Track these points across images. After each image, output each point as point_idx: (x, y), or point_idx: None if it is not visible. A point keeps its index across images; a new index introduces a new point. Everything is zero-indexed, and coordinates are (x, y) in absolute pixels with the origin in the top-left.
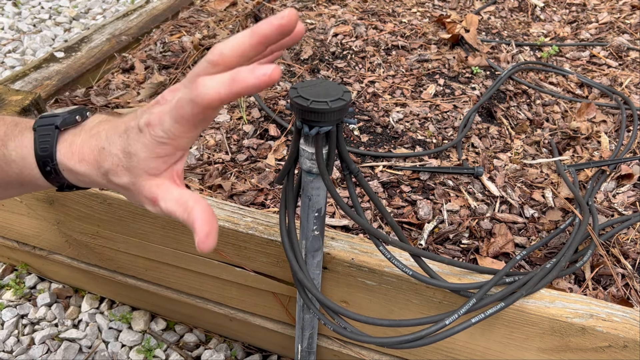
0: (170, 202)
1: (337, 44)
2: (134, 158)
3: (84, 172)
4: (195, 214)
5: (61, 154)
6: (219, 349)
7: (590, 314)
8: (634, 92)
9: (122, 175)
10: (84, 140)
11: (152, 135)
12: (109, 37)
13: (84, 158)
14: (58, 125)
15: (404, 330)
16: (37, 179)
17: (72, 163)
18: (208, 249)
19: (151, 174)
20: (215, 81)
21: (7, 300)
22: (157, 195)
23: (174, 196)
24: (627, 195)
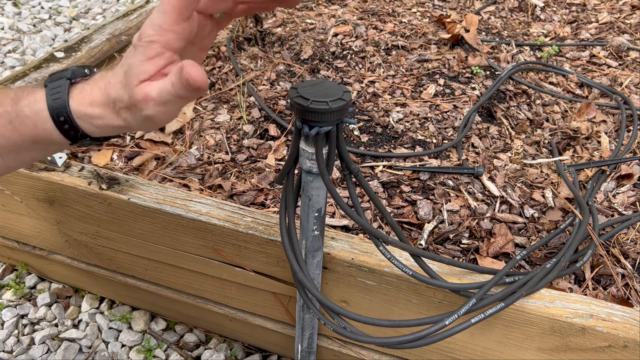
0: (157, 85)
1: (337, 44)
2: (129, 71)
3: (97, 113)
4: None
5: (74, 101)
6: (219, 349)
7: (590, 314)
8: (634, 92)
9: (122, 95)
10: (93, 86)
11: (142, 40)
12: (109, 37)
13: (95, 100)
14: (69, 77)
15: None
16: (50, 133)
17: (84, 107)
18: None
19: (141, 79)
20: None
21: (7, 300)
22: (146, 90)
23: (158, 82)
24: (627, 195)
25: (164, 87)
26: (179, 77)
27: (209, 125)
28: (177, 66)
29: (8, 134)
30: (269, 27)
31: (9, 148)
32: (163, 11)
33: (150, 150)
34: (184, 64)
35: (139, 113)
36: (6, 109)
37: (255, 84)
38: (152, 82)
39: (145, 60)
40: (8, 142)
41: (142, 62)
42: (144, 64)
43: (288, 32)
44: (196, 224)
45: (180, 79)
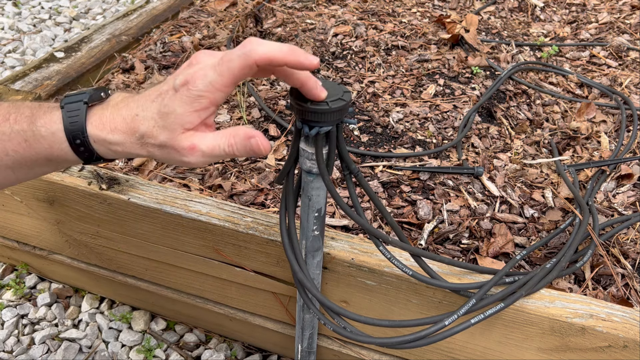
0: (209, 140)
1: (337, 44)
2: (171, 116)
3: (118, 140)
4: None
5: (92, 126)
6: (219, 349)
7: (590, 314)
8: (633, 92)
9: (158, 135)
10: (114, 112)
11: (189, 90)
12: (109, 37)
13: (117, 127)
14: (86, 101)
15: (403, 331)
16: (65, 153)
17: (105, 134)
18: (269, 148)
19: (187, 128)
20: (269, 44)
21: (7, 300)
22: (194, 142)
23: (210, 137)
24: (627, 195)
25: (218, 145)
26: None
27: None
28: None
29: (22, 151)
30: (269, 27)
31: (22, 163)
32: (221, 74)
33: None
34: (254, 134)
35: (175, 155)
36: (22, 127)
37: (255, 84)
38: (198, 132)
39: (193, 111)
40: (22, 158)
41: (189, 113)
42: (190, 115)
43: (288, 32)
44: (196, 224)
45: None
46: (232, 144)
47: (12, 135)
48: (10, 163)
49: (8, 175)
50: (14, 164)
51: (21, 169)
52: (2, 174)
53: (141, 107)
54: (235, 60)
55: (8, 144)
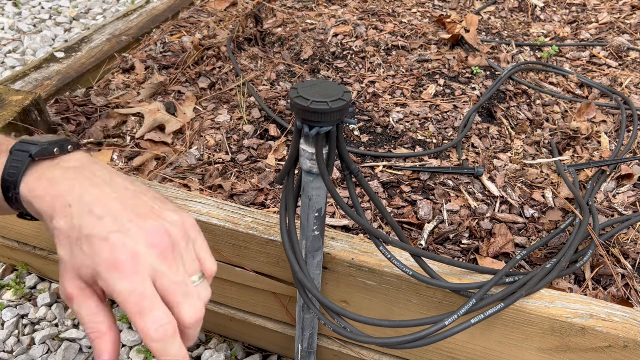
0: (84, 309)
1: (337, 44)
2: (73, 258)
3: (39, 209)
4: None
5: (26, 184)
6: (219, 349)
7: (590, 314)
8: (634, 92)
9: (61, 248)
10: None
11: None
12: (109, 37)
13: (45, 199)
14: (32, 154)
15: (403, 331)
16: (3, 201)
17: (32, 197)
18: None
19: (82, 279)
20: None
21: (7, 300)
22: (74, 296)
23: (91, 308)
24: (627, 195)
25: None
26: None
27: (209, 125)
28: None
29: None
30: (269, 27)
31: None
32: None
33: (150, 150)
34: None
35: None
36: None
37: (255, 84)
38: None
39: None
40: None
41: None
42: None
43: (288, 32)
44: None
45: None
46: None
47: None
48: None
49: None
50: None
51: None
52: None
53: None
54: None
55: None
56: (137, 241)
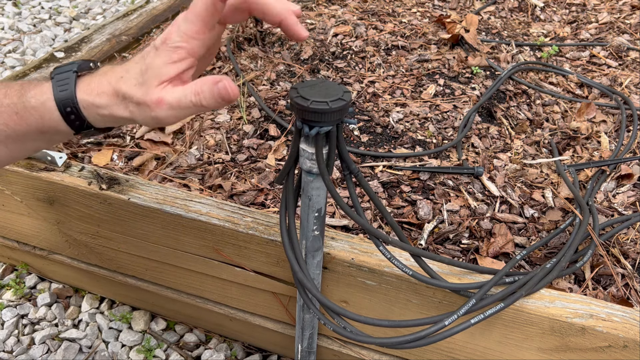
0: (176, 92)
1: (337, 44)
2: (149, 70)
3: (104, 103)
4: (208, 78)
5: (81, 91)
6: (219, 349)
7: (590, 314)
8: (634, 92)
9: (136, 92)
10: (101, 78)
11: (167, 44)
12: (109, 37)
13: (103, 91)
14: (75, 70)
15: (403, 331)
16: (57, 123)
17: (92, 97)
18: (237, 92)
19: (162, 80)
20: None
21: (7, 300)
22: (162, 95)
23: (179, 89)
24: (627, 195)
25: (185, 96)
26: (211, 90)
27: (209, 125)
28: (209, 79)
29: (13, 125)
30: (269, 27)
31: (14, 138)
32: (190, 20)
33: (150, 150)
34: (220, 78)
35: (147, 112)
36: (12, 101)
37: (255, 84)
38: (168, 86)
39: (169, 63)
40: (14, 132)
41: (165, 64)
42: (167, 66)
43: None
44: (196, 224)
45: (214, 92)
46: (198, 92)
47: (2, 109)
48: (2, 138)
49: (1, 152)
50: (6, 138)
51: (14, 144)
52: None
53: (125, 69)
54: (198, 3)
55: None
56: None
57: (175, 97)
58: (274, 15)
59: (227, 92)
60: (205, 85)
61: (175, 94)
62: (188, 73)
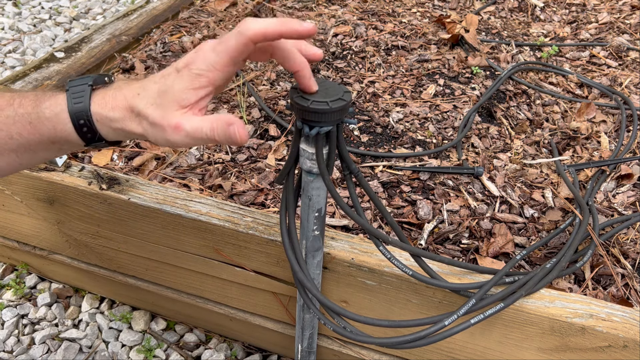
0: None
1: (337, 44)
2: (168, 93)
3: (117, 117)
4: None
5: (95, 104)
6: (219, 349)
7: (590, 314)
8: (633, 92)
9: (152, 112)
10: (116, 92)
11: (190, 70)
12: (109, 37)
13: (117, 105)
14: (91, 83)
15: (403, 331)
16: (69, 134)
17: (106, 111)
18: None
19: (182, 105)
20: (262, 20)
21: (7, 300)
22: (181, 121)
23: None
24: (627, 195)
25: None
26: (224, 130)
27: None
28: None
29: (26, 134)
30: None
31: (26, 147)
32: (219, 53)
33: (151, 150)
34: (234, 121)
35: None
36: (26, 110)
37: (255, 84)
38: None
39: (191, 89)
40: (27, 142)
41: (186, 90)
42: (187, 92)
43: None
44: (196, 223)
45: (225, 132)
46: (213, 128)
47: (17, 119)
48: (14, 147)
49: (12, 160)
50: (18, 147)
51: (25, 153)
52: (6, 158)
53: (143, 87)
54: (231, 39)
55: (12, 127)
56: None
57: (193, 127)
58: (293, 65)
59: (236, 136)
60: (219, 122)
61: (193, 123)
62: (205, 100)
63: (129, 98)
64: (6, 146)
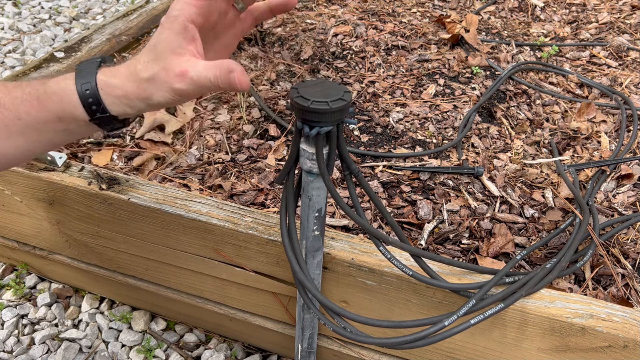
0: (200, 68)
1: (337, 44)
2: (159, 45)
3: (119, 83)
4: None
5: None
6: (219, 349)
7: (590, 314)
8: (634, 92)
9: (151, 67)
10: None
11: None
12: (109, 37)
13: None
14: (99, 61)
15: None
16: (75, 107)
17: (108, 77)
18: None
19: (177, 52)
20: None
21: (7, 300)
22: (186, 67)
23: (202, 65)
24: (627, 195)
25: (206, 75)
26: (226, 77)
27: (209, 125)
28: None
29: (34, 112)
30: (269, 27)
31: (34, 126)
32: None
33: (150, 150)
34: (235, 68)
35: (166, 84)
36: (34, 88)
37: (255, 84)
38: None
39: (175, 34)
40: (34, 120)
41: (172, 37)
42: (174, 38)
43: (288, 32)
44: (196, 224)
45: (227, 79)
46: (217, 76)
47: (25, 97)
48: (22, 127)
49: (19, 144)
50: (26, 128)
51: (33, 134)
52: (14, 142)
53: (139, 54)
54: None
55: (21, 106)
56: None
57: (198, 74)
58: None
59: (236, 84)
60: (222, 69)
61: (199, 69)
62: (197, 43)
63: (129, 65)
64: (14, 128)
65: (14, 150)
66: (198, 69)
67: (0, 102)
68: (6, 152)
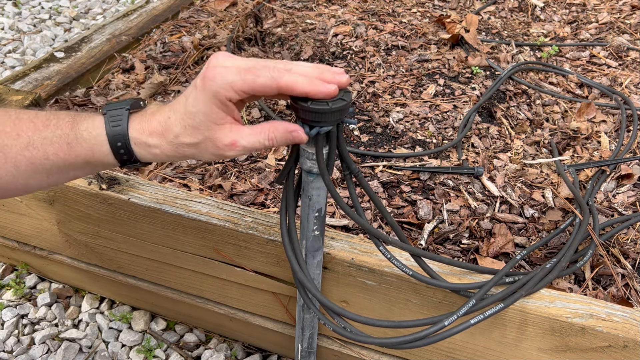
0: (247, 136)
1: (337, 44)
2: (198, 115)
3: (156, 143)
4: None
5: (133, 130)
6: (219, 349)
7: (590, 314)
8: (634, 92)
9: (192, 134)
10: (150, 118)
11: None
12: (109, 37)
13: (154, 131)
14: (128, 108)
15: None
16: (105, 156)
17: (144, 137)
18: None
19: (218, 123)
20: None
21: (7, 300)
22: (235, 138)
23: (248, 132)
24: (627, 195)
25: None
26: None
27: None
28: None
29: (62, 155)
30: (269, 27)
31: (60, 167)
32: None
33: None
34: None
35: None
36: (64, 132)
37: None
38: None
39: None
40: (62, 162)
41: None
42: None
43: (288, 32)
44: (196, 224)
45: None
46: (272, 138)
47: (54, 140)
48: (48, 167)
49: (41, 180)
50: (52, 167)
51: (57, 173)
52: (37, 177)
53: (172, 110)
54: (263, 78)
55: (49, 147)
56: None
57: (249, 142)
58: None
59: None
60: (278, 132)
61: (247, 138)
62: (237, 114)
63: (162, 123)
64: (40, 166)
65: (37, 184)
66: (246, 137)
67: (30, 140)
68: (30, 186)
